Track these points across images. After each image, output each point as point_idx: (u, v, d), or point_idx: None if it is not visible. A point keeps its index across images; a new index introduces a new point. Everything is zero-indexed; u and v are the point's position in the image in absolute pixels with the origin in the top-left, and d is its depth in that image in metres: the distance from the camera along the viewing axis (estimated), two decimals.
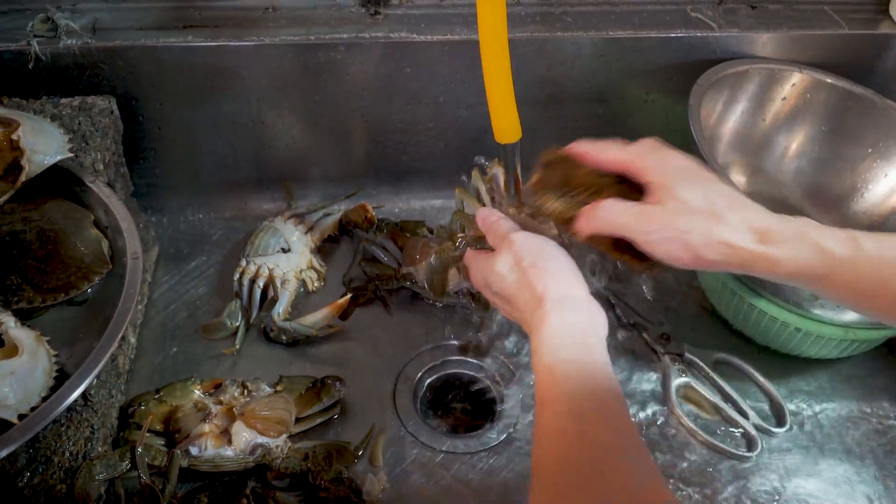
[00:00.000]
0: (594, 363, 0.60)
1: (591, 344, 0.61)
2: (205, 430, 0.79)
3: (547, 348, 0.61)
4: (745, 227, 0.59)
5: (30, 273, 0.69)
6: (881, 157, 0.99)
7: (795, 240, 0.59)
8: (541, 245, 0.68)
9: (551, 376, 0.59)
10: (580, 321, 0.63)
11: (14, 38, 0.87)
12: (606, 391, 0.58)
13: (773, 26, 1.01)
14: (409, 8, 0.98)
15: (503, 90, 0.73)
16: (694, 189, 0.61)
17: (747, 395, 0.91)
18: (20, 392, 0.58)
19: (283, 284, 0.95)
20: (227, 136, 1.01)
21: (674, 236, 0.60)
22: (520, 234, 0.69)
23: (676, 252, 0.61)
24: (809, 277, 0.59)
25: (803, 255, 0.58)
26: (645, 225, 0.61)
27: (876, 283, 0.58)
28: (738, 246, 0.59)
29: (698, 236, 0.59)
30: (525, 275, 0.65)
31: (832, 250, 0.58)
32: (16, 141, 0.71)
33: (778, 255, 0.59)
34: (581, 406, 0.56)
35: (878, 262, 0.58)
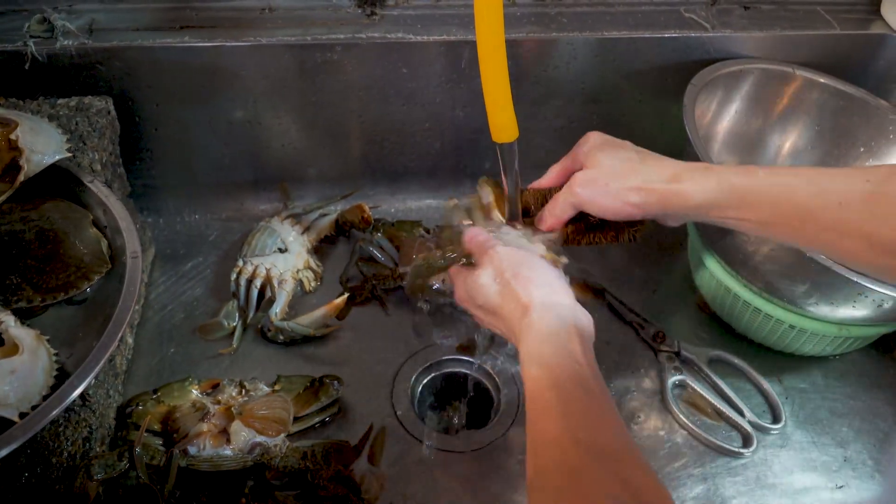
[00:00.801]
0: (582, 368, 0.61)
1: (578, 350, 0.63)
2: (203, 430, 0.79)
3: (535, 356, 0.62)
4: (657, 173, 0.70)
5: (29, 273, 0.69)
6: (873, 156, 1.00)
7: (701, 175, 0.68)
8: (523, 256, 0.71)
9: (540, 384, 0.60)
10: (567, 327, 0.64)
11: (10, 39, 0.87)
12: (597, 395, 0.60)
13: (766, 27, 1.02)
14: (405, 8, 0.99)
15: (500, 90, 0.73)
16: (611, 151, 0.74)
17: (742, 392, 0.91)
18: (21, 391, 0.58)
19: (280, 284, 0.95)
20: (223, 136, 1.01)
21: (601, 190, 0.71)
22: (502, 247, 0.72)
23: (605, 202, 0.72)
24: (716, 207, 0.68)
25: (709, 187, 0.67)
26: (577, 189, 0.72)
27: (771, 208, 0.65)
28: (651, 187, 0.70)
29: (621, 182, 0.71)
30: (508, 285, 0.68)
31: (732, 180, 0.67)
32: (14, 141, 0.71)
33: (687, 189, 0.68)
34: (573, 412, 0.58)
35: (771, 187, 0.66)
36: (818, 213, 0.63)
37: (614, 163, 0.72)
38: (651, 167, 0.71)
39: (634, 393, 0.91)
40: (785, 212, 0.65)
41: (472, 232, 0.77)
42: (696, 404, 0.90)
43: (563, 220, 0.76)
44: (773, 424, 0.88)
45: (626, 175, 0.71)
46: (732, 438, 0.87)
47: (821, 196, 0.63)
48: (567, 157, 0.78)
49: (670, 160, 0.72)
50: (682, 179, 0.69)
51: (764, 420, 0.89)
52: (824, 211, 0.63)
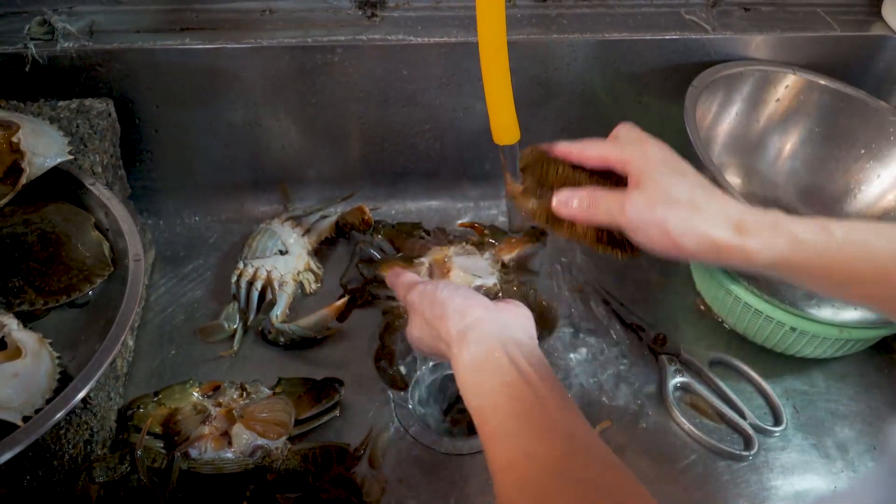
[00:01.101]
0: (515, 379, 0.59)
1: (504, 363, 0.61)
2: (204, 433, 0.79)
3: (469, 389, 0.61)
4: (723, 219, 0.61)
5: (31, 275, 0.68)
6: (874, 157, 1.00)
7: (769, 230, 0.60)
8: (432, 293, 0.70)
9: (482, 414, 0.59)
10: (488, 345, 0.63)
11: (10, 41, 0.87)
12: (537, 403, 0.58)
13: (767, 28, 1.02)
14: (405, 10, 0.99)
15: (502, 92, 0.74)
16: (674, 178, 0.63)
17: (743, 394, 0.91)
18: (24, 394, 0.58)
19: (280, 287, 0.95)
20: (223, 138, 1.01)
21: (654, 222, 0.61)
22: (414, 292, 0.71)
23: (656, 238, 0.62)
24: (784, 267, 0.60)
25: (778, 245, 0.59)
26: (628, 210, 0.62)
27: (847, 268, 0.59)
28: (716, 237, 0.60)
29: (678, 224, 0.61)
30: (432, 329, 0.68)
31: (804, 238, 0.59)
32: (16, 143, 0.70)
33: (753, 246, 0.60)
34: (520, 427, 0.56)
35: (848, 246, 0.59)
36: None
37: (678, 193, 0.62)
38: (716, 210, 0.61)
39: (635, 395, 0.91)
40: (862, 274, 0.59)
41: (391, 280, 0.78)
42: (697, 406, 0.90)
43: (592, 223, 0.67)
44: (775, 427, 0.88)
45: (689, 214, 0.61)
46: (734, 441, 0.87)
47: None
48: (614, 147, 0.67)
49: (733, 202, 0.62)
50: (748, 232, 0.60)
51: (765, 422, 0.89)
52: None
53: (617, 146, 0.67)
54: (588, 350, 0.95)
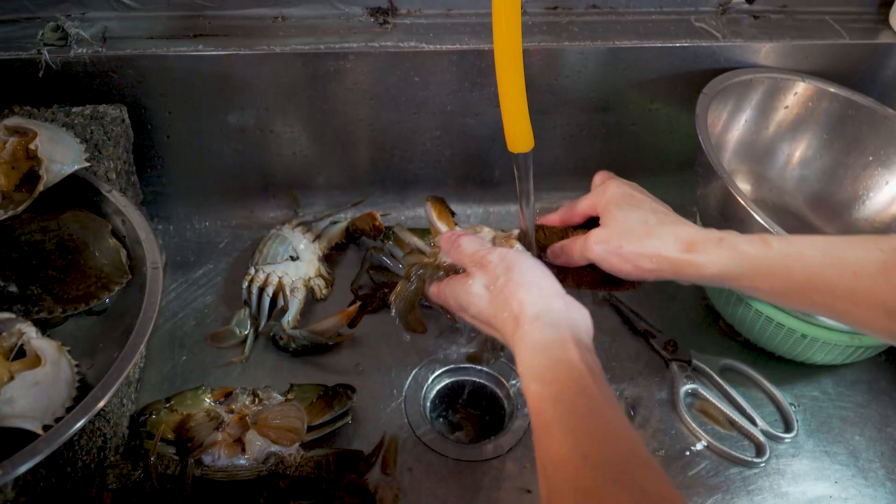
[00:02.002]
0: (582, 376, 0.60)
1: (575, 356, 0.61)
2: (217, 439, 0.79)
3: (532, 371, 0.61)
4: (673, 239, 0.69)
5: (50, 283, 0.68)
6: (882, 165, 1.00)
7: (714, 245, 0.67)
8: (514, 258, 0.70)
9: (542, 400, 0.59)
10: (560, 334, 0.63)
11: (24, 47, 0.87)
12: (600, 403, 0.58)
13: (776, 36, 1.02)
14: (417, 17, 0.99)
15: (517, 100, 0.73)
16: (629, 210, 0.72)
17: (754, 401, 0.92)
18: (44, 403, 0.58)
19: (291, 292, 0.95)
20: (234, 144, 1.01)
21: (613, 250, 0.70)
22: (496, 253, 0.70)
23: (618, 264, 0.70)
24: (730, 278, 0.67)
25: (722, 258, 0.66)
26: (591, 245, 0.71)
27: (784, 276, 0.65)
28: (666, 255, 0.68)
29: (632, 248, 0.69)
30: (500, 293, 0.67)
31: (745, 251, 0.66)
32: (33, 150, 0.70)
33: (701, 261, 0.67)
34: (579, 426, 0.56)
35: (784, 258, 0.65)
36: (833, 283, 0.63)
37: (630, 224, 0.71)
38: (666, 233, 0.69)
39: (646, 402, 0.91)
40: (799, 282, 0.64)
41: (447, 235, 0.76)
42: (708, 413, 0.90)
43: (575, 265, 0.75)
44: (786, 433, 0.88)
45: (640, 239, 0.69)
46: (745, 447, 0.88)
47: (835, 266, 0.63)
48: (584, 199, 0.77)
49: (686, 225, 0.71)
50: (697, 249, 0.67)
51: (776, 429, 0.89)
52: (839, 281, 0.62)
53: (588, 196, 0.77)
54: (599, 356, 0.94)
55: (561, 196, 1.12)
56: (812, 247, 0.65)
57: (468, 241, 0.74)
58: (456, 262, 0.74)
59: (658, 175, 1.10)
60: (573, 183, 1.12)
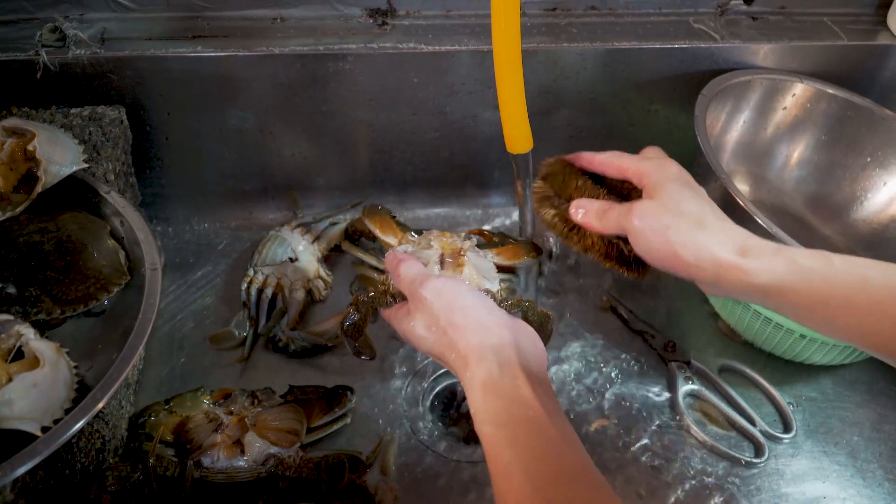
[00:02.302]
0: (537, 413, 0.58)
1: (527, 393, 0.59)
2: (217, 441, 0.79)
3: (484, 414, 0.59)
4: (727, 238, 0.62)
5: (48, 284, 0.68)
6: (880, 165, 1.00)
7: (770, 254, 0.61)
8: (452, 296, 0.67)
9: (497, 445, 0.57)
10: (511, 373, 0.61)
11: (22, 48, 0.87)
12: (558, 444, 0.57)
13: (774, 37, 1.02)
14: (416, 19, 0.99)
15: (516, 102, 0.74)
16: (685, 193, 0.65)
17: (753, 401, 0.92)
18: (43, 404, 0.58)
19: (291, 294, 0.95)
20: (233, 145, 1.01)
21: (658, 229, 0.63)
22: (428, 288, 0.68)
23: (656, 245, 0.63)
24: (781, 291, 0.60)
25: (778, 268, 0.60)
26: (635, 214, 0.64)
27: (843, 296, 0.59)
28: (717, 254, 0.61)
29: (681, 235, 0.62)
30: (444, 335, 0.65)
31: (804, 264, 0.60)
32: (31, 151, 0.70)
33: (753, 267, 0.60)
34: (538, 468, 0.55)
35: (846, 276, 0.59)
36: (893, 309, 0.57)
37: (685, 209, 0.64)
38: (721, 231, 0.63)
39: (645, 403, 0.91)
40: (857, 306, 0.58)
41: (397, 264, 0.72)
42: (707, 414, 0.90)
43: (603, 232, 0.69)
44: (785, 434, 0.88)
45: (691, 228, 0.62)
46: (744, 448, 0.88)
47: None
48: (633, 159, 0.70)
49: (740, 229, 0.64)
50: (751, 255, 0.61)
51: (775, 429, 0.89)
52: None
53: (637, 159, 0.69)
54: (598, 357, 0.95)
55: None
56: (876, 269, 0.59)
57: (406, 268, 0.71)
58: (396, 282, 0.72)
59: None
60: None
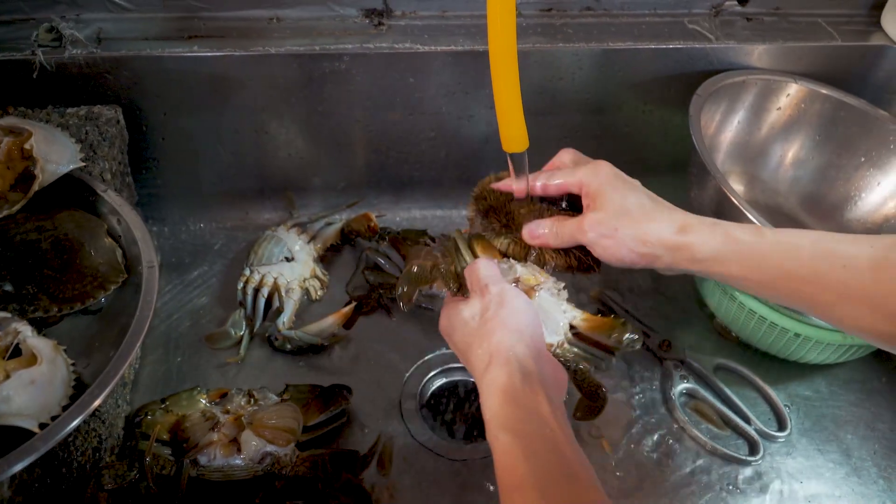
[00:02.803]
0: (555, 434, 0.58)
1: (547, 411, 0.59)
2: (213, 439, 0.79)
3: (500, 420, 0.59)
4: (669, 222, 0.68)
5: (45, 282, 0.68)
6: (874, 165, 1.01)
7: (708, 228, 0.67)
8: (511, 298, 0.68)
9: (512, 456, 0.57)
10: (532, 386, 0.61)
11: (18, 48, 0.87)
12: (575, 466, 0.57)
13: (769, 38, 1.03)
14: (412, 19, 0.99)
15: (512, 101, 0.74)
16: (623, 194, 0.70)
17: (748, 400, 0.92)
18: (40, 401, 0.58)
19: (287, 293, 0.95)
20: (229, 145, 1.01)
21: (609, 233, 0.68)
22: (498, 286, 0.69)
23: (613, 248, 0.69)
24: (721, 262, 0.66)
25: (715, 241, 0.66)
26: (586, 228, 0.69)
27: (775, 264, 0.64)
28: (663, 237, 0.67)
29: (630, 232, 0.68)
30: (484, 326, 0.66)
31: (738, 236, 0.66)
32: (28, 150, 0.70)
33: (694, 242, 0.66)
34: (554, 491, 0.54)
35: (777, 246, 0.65)
36: (822, 275, 0.62)
37: (627, 206, 0.69)
38: (662, 216, 0.68)
39: (641, 401, 0.91)
40: (789, 271, 0.64)
41: (479, 264, 0.73)
42: (702, 412, 0.91)
43: (559, 246, 0.73)
44: (779, 432, 0.89)
45: (637, 223, 0.68)
46: (739, 446, 0.88)
47: (826, 258, 0.62)
48: (567, 174, 0.74)
49: (679, 210, 0.69)
50: (690, 231, 0.67)
51: (770, 428, 0.89)
52: (828, 273, 0.62)
53: (570, 172, 0.74)
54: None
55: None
56: (803, 238, 0.65)
57: (485, 265, 0.72)
58: (468, 282, 0.73)
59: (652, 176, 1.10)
60: None
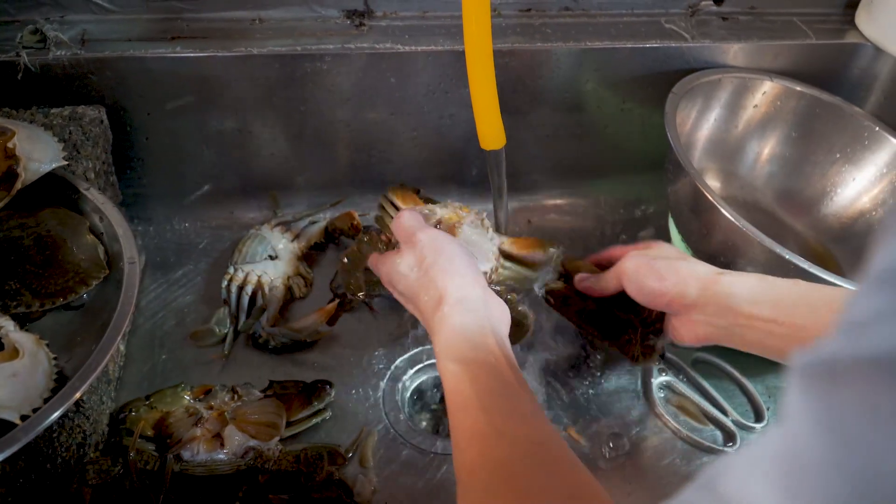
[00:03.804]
0: (499, 362, 0.62)
1: (492, 344, 0.63)
2: (196, 435, 0.80)
3: (449, 352, 0.63)
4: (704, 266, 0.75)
5: (28, 278, 0.69)
6: (849, 161, 1.03)
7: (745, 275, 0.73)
8: (443, 244, 0.71)
9: (458, 379, 0.60)
10: (479, 321, 0.65)
11: (3, 50, 0.88)
12: (516, 388, 0.60)
13: (744, 37, 1.05)
14: (393, 20, 1.01)
15: (488, 99, 0.75)
16: (663, 247, 0.80)
17: (726, 392, 0.93)
18: (22, 394, 0.59)
19: (271, 291, 0.96)
20: (213, 145, 1.02)
21: (646, 263, 0.75)
22: (426, 233, 0.72)
23: (647, 278, 0.75)
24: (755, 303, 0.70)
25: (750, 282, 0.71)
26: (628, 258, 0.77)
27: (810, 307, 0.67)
28: (697, 270, 0.74)
29: (665, 266, 0.74)
30: (426, 274, 0.69)
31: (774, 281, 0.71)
32: (11, 149, 0.71)
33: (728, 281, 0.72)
34: (495, 405, 0.58)
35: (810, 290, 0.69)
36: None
37: (670, 251, 0.79)
38: (701, 262, 0.76)
39: (620, 394, 0.92)
40: (821, 316, 0.65)
41: (403, 215, 0.75)
42: (680, 405, 0.92)
43: (604, 292, 0.80)
44: (757, 423, 0.90)
45: (676, 262, 0.75)
46: (717, 437, 0.89)
47: None
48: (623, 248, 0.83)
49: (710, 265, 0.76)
50: (725, 274, 0.73)
51: (747, 419, 0.91)
52: None
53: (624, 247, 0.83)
54: (573, 349, 0.96)
55: (537, 194, 1.14)
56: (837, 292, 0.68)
57: (408, 216, 0.75)
58: (395, 236, 0.75)
59: (632, 174, 1.13)
60: (549, 182, 1.14)
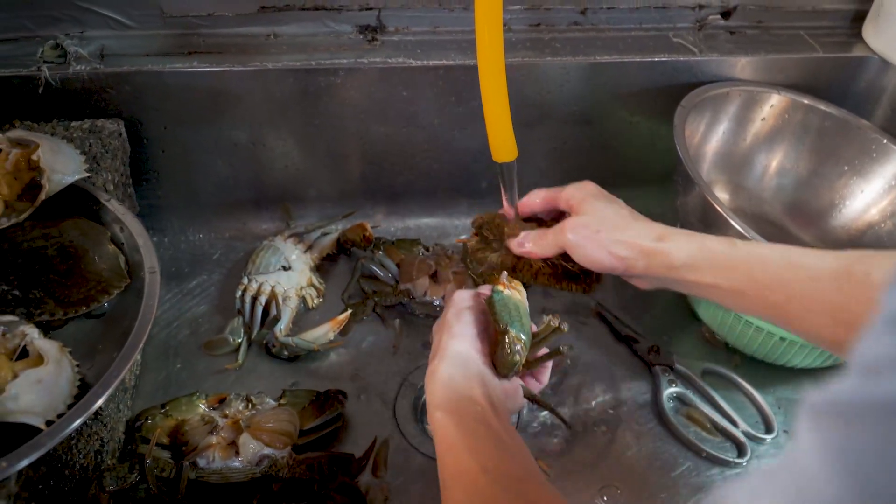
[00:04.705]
0: (484, 409, 0.65)
1: (478, 393, 0.67)
2: (212, 442, 0.80)
3: (437, 401, 0.66)
4: (647, 231, 0.74)
5: (51, 287, 0.71)
6: (857, 174, 1.03)
7: (684, 238, 0.72)
8: (462, 306, 0.75)
9: (445, 427, 0.64)
10: (468, 375, 0.68)
11: (24, 64, 0.90)
12: (499, 432, 0.64)
13: (752, 50, 1.06)
14: (405, 35, 1.02)
15: (500, 112, 0.76)
16: (606, 204, 0.77)
17: (736, 403, 0.93)
18: (46, 400, 0.60)
19: (284, 301, 0.97)
20: (228, 158, 1.03)
21: (590, 236, 0.74)
22: (458, 293, 0.77)
23: (592, 250, 0.74)
24: (694, 269, 0.71)
25: (691, 249, 0.71)
26: (568, 231, 0.75)
27: (745, 273, 0.68)
28: (640, 243, 0.73)
29: (609, 236, 0.74)
30: (441, 328, 0.74)
31: (712, 246, 0.71)
32: (35, 161, 0.73)
33: (670, 249, 0.71)
34: (477, 447, 0.61)
35: (747, 255, 0.69)
36: (788, 284, 0.65)
37: (608, 214, 0.76)
38: (641, 225, 0.75)
39: (631, 406, 0.93)
40: (757, 279, 0.67)
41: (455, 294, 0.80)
42: (690, 416, 0.93)
43: (544, 255, 0.80)
44: (766, 434, 0.91)
45: (617, 228, 0.74)
46: (727, 449, 0.90)
47: (792, 269, 0.66)
48: (555, 190, 0.81)
49: (657, 223, 0.75)
50: (667, 239, 0.72)
51: (757, 430, 0.91)
52: (794, 282, 0.65)
53: (557, 189, 0.81)
54: (583, 362, 0.97)
55: None
56: (773, 250, 0.69)
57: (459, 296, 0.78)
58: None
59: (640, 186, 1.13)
60: None
